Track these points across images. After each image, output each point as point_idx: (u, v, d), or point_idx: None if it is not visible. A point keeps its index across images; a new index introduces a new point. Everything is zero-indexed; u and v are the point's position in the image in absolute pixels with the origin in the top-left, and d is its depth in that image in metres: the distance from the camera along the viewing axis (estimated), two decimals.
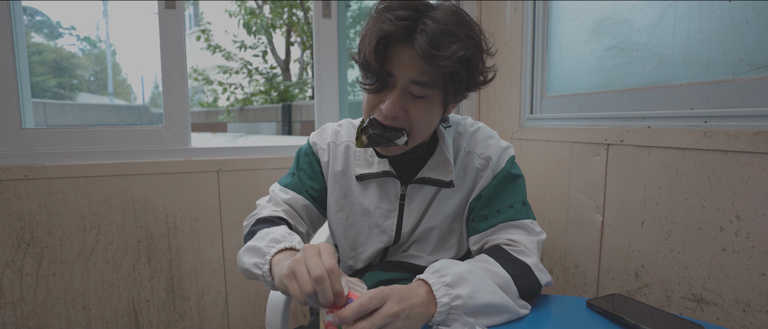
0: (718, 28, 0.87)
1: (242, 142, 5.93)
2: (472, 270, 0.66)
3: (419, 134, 0.73)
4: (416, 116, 0.70)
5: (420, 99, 0.69)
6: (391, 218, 0.82)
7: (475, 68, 0.69)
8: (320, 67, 1.48)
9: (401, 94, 0.69)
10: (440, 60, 0.64)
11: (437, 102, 0.72)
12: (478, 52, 0.69)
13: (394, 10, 0.66)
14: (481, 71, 0.71)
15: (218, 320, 1.42)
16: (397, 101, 0.68)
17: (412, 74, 0.67)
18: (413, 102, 0.70)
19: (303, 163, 0.88)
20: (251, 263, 0.70)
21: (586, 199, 1.15)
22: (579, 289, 1.20)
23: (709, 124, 0.86)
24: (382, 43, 0.66)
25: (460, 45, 0.64)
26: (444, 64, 0.64)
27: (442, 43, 0.63)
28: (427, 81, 0.67)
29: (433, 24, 0.64)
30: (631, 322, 0.64)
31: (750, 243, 0.79)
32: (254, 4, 8.26)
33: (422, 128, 0.72)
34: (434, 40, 0.63)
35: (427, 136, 0.77)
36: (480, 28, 0.72)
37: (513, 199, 0.79)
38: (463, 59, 0.65)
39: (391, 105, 0.68)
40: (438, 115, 0.74)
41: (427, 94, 0.69)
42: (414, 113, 0.70)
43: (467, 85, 0.70)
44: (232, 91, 8.86)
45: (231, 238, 1.41)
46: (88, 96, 9.11)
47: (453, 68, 0.65)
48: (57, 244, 1.25)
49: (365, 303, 0.54)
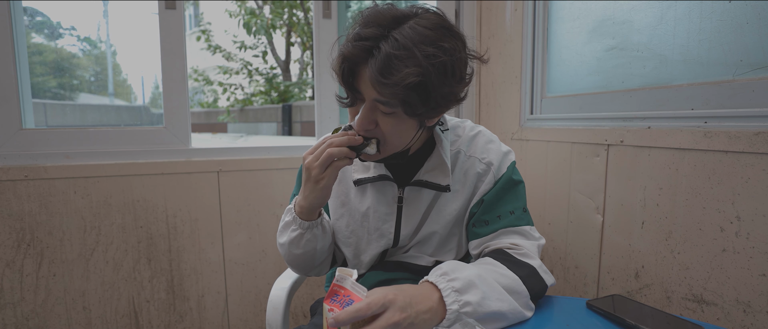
0: (719, 29, 0.87)
1: (242, 142, 5.93)
2: (481, 275, 0.65)
3: (392, 145, 0.73)
4: (387, 130, 0.70)
5: (388, 114, 0.69)
6: (389, 221, 0.82)
7: (432, 91, 0.65)
8: (320, 68, 1.48)
9: (370, 109, 0.69)
10: (387, 88, 0.63)
11: (408, 118, 0.69)
12: (439, 72, 0.64)
13: (361, 27, 0.66)
14: (442, 93, 0.66)
15: (218, 320, 1.42)
16: (366, 116, 0.69)
17: (374, 94, 0.67)
18: (383, 116, 0.70)
19: (299, 180, 0.92)
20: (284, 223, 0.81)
21: (586, 200, 1.15)
22: (579, 290, 1.20)
23: (709, 124, 0.86)
24: (345, 65, 0.67)
25: (411, 71, 0.61)
26: (392, 91, 0.63)
27: (392, 68, 0.62)
28: (388, 101, 0.66)
29: (388, 47, 0.62)
30: (631, 323, 0.64)
31: (750, 244, 0.79)
32: (254, 5, 8.26)
33: (394, 140, 0.72)
34: (383, 67, 0.62)
35: (404, 146, 0.75)
36: (461, 40, 0.69)
37: (514, 205, 0.79)
38: (412, 85, 0.62)
39: (360, 120, 0.69)
40: (412, 128, 0.72)
41: (394, 111, 0.68)
42: (384, 127, 0.70)
43: (423, 109, 0.66)
44: (232, 91, 8.87)
45: (231, 239, 1.41)
46: (89, 96, 9.11)
47: (403, 95, 0.63)
48: (57, 245, 1.25)
49: (362, 309, 0.54)
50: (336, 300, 0.59)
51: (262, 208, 1.43)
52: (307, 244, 0.80)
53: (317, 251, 0.82)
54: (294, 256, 0.82)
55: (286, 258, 0.84)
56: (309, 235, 0.79)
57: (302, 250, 0.80)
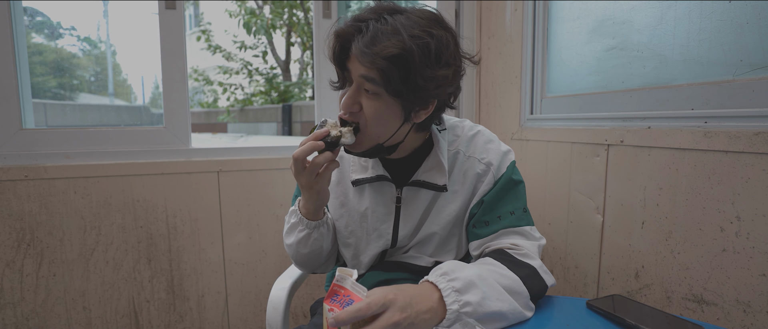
0: (718, 29, 0.87)
1: (242, 142, 5.93)
2: (481, 275, 0.65)
3: (373, 131, 0.73)
4: (369, 113, 0.71)
5: (373, 96, 0.70)
6: (387, 221, 0.83)
7: (413, 69, 0.66)
8: (320, 68, 1.48)
9: (356, 89, 0.72)
10: (368, 57, 0.66)
11: (393, 104, 0.70)
12: (422, 52, 0.65)
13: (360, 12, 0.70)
14: (423, 74, 0.67)
15: (218, 320, 1.42)
16: (351, 96, 0.71)
17: (361, 70, 0.69)
18: (367, 98, 0.71)
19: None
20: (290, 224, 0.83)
21: (586, 200, 1.15)
22: (579, 290, 1.20)
23: (709, 124, 0.86)
24: (337, 43, 0.71)
25: (393, 43, 0.64)
26: (372, 60, 0.65)
27: (376, 41, 0.65)
28: (374, 78, 0.68)
29: (378, 25, 0.66)
30: (631, 323, 0.64)
31: (750, 244, 0.79)
32: (254, 5, 8.26)
33: (375, 126, 0.72)
34: (369, 40, 0.66)
35: (386, 138, 0.74)
36: (452, 34, 0.71)
37: (514, 206, 0.79)
38: (393, 58, 0.65)
39: (346, 99, 0.72)
40: (395, 117, 0.72)
41: (378, 91, 0.69)
42: (367, 109, 0.71)
43: (404, 88, 0.67)
44: (232, 91, 8.86)
45: (231, 238, 1.41)
46: (89, 96, 9.12)
47: (383, 66, 0.65)
48: (57, 245, 1.25)
49: (363, 309, 0.54)
50: (336, 300, 0.59)
51: (262, 208, 1.43)
52: (314, 243, 0.82)
53: (324, 249, 0.85)
54: (302, 256, 0.84)
55: (294, 258, 0.87)
56: (316, 234, 0.82)
57: (309, 249, 0.83)
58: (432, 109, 0.74)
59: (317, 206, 0.78)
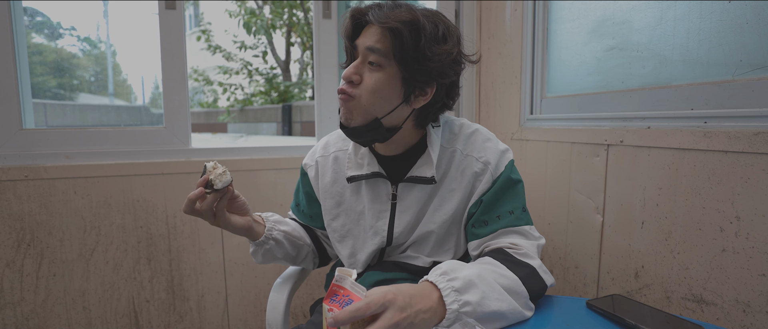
0: (718, 29, 0.87)
1: (242, 142, 5.93)
2: (481, 274, 0.65)
3: (369, 103, 0.74)
4: (369, 84, 0.73)
5: (376, 68, 0.73)
6: (383, 218, 0.83)
7: (423, 37, 0.71)
8: (320, 68, 1.48)
9: (361, 61, 0.75)
10: (382, 18, 0.71)
11: (394, 79, 0.74)
12: (431, 26, 0.72)
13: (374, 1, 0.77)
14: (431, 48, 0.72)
15: (218, 320, 1.42)
16: (356, 66, 0.75)
17: (369, 42, 0.73)
18: (369, 71, 0.74)
19: (298, 188, 0.98)
20: None
21: (586, 200, 1.15)
22: (579, 290, 1.20)
23: (709, 124, 0.86)
24: (352, 21, 0.76)
25: (410, 12, 0.71)
26: (385, 21, 0.71)
27: (393, 10, 0.72)
28: (380, 48, 0.72)
29: (392, 4, 0.74)
30: (630, 323, 0.64)
31: (750, 244, 0.79)
32: (254, 5, 8.26)
33: (373, 97, 0.73)
34: (388, 9, 0.73)
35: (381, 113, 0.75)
36: (456, 31, 0.77)
37: (513, 205, 0.79)
38: (406, 21, 0.70)
39: (350, 68, 0.75)
40: (395, 93, 0.74)
41: (381, 63, 0.73)
42: (368, 80, 0.74)
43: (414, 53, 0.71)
44: (232, 91, 8.86)
45: (231, 239, 1.41)
46: (89, 96, 9.12)
47: (396, 25, 0.70)
48: (57, 245, 1.25)
49: (362, 309, 0.54)
50: (335, 299, 0.59)
51: (262, 208, 1.43)
52: (265, 256, 0.89)
53: (279, 259, 0.91)
54: (261, 263, 0.91)
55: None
56: (262, 250, 0.88)
57: (263, 260, 0.90)
58: (430, 95, 0.76)
59: (241, 233, 0.83)
